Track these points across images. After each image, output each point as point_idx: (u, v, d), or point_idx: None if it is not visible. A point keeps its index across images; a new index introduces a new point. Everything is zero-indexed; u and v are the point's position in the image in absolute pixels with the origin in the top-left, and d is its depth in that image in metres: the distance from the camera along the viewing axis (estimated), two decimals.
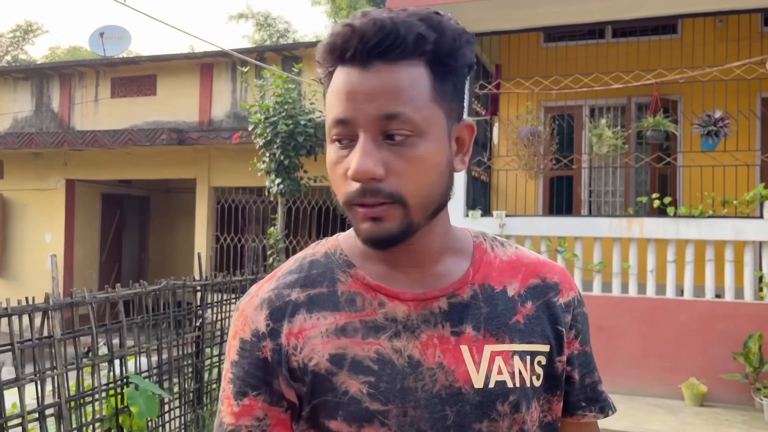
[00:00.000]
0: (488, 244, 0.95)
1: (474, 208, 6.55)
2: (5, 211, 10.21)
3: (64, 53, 43.68)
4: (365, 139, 0.78)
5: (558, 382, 0.93)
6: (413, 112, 0.78)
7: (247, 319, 0.88)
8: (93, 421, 3.77)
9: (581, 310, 0.97)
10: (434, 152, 0.81)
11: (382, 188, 0.78)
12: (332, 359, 0.84)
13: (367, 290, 0.87)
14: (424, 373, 0.84)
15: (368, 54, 0.78)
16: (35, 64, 16.61)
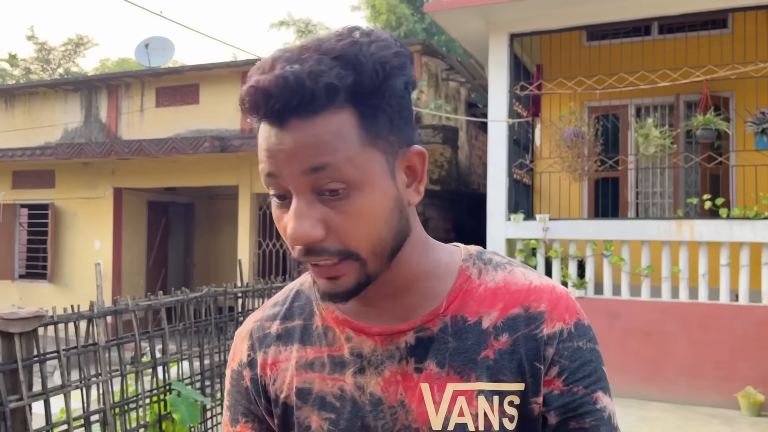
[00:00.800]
0: (475, 269, 0.86)
1: (516, 212, 6.43)
2: (57, 220, 10.52)
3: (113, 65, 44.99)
4: (297, 200, 0.73)
5: (535, 426, 0.82)
6: (341, 163, 0.71)
7: (236, 349, 0.93)
8: (137, 427, 3.82)
9: (573, 344, 0.82)
10: (376, 200, 0.74)
11: (327, 247, 0.74)
12: (298, 393, 0.85)
13: (336, 324, 0.85)
14: (385, 412, 0.81)
15: (279, 113, 0.71)
16: (84, 76, 17.14)
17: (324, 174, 0.71)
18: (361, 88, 0.72)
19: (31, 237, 10.97)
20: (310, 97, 0.70)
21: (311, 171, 0.71)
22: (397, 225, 0.77)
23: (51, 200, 10.56)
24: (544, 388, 0.81)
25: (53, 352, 3.36)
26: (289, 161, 0.72)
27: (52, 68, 45.65)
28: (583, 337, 0.83)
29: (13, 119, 11.21)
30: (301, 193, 0.73)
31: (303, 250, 0.74)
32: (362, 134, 0.73)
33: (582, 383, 0.81)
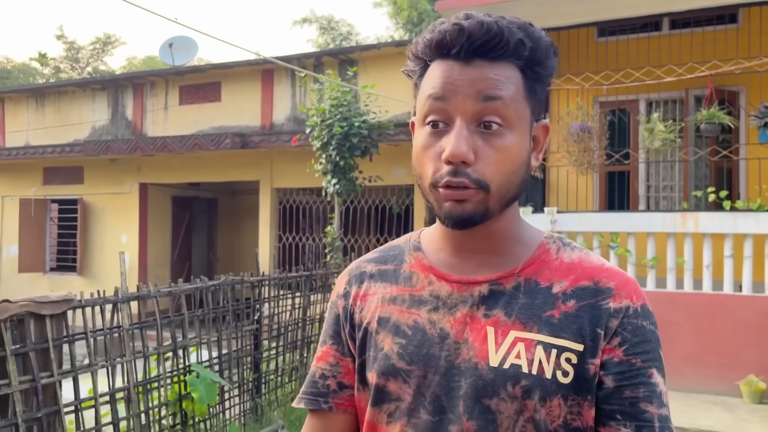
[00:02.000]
0: (555, 246, 0.97)
1: (525, 205, 6.58)
2: (85, 214, 10.91)
3: (140, 63, 45.71)
4: (461, 124, 0.85)
5: (589, 386, 0.88)
6: (509, 101, 0.86)
7: (337, 284, 1.09)
8: (159, 405, 4.09)
9: (637, 322, 0.90)
10: (519, 145, 0.88)
11: (470, 173, 0.85)
12: (379, 321, 0.98)
13: (422, 270, 0.98)
14: (450, 346, 0.91)
15: (472, 52, 0.85)
16: (111, 75, 17.56)
17: (493, 105, 0.85)
18: (535, 55, 0.88)
19: (61, 231, 11.39)
20: (504, 45, 0.85)
21: (485, 99, 0.85)
22: (524, 175, 0.91)
23: (80, 195, 10.95)
24: (604, 355, 0.88)
25: (81, 334, 3.64)
26: (467, 87, 0.85)
27: (80, 67, 46.54)
28: (647, 318, 0.91)
29: (43, 117, 11.62)
30: (466, 120, 0.85)
31: (450, 171, 0.85)
32: (524, 91, 0.88)
33: (641, 357, 0.88)
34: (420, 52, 0.91)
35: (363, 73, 9.13)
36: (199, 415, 4.24)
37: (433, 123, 0.88)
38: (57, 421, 3.45)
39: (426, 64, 0.91)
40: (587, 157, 6.04)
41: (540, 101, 0.92)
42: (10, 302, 3.29)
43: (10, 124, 11.97)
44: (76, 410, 3.57)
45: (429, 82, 0.89)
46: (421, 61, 0.92)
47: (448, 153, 0.85)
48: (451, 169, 0.86)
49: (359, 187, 7.61)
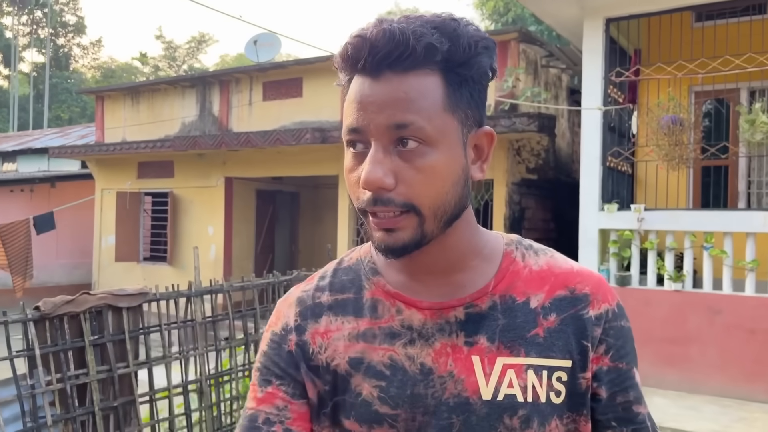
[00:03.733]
0: (519, 253, 0.91)
1: (611, 202, 6.25)
2: (175, 207, 11.38)
3: (232, 60, 47.50)
4: (376, 147, 0.78)
5: (583, 401, 0.86)
6: (423, 121, 0.77)
7: (281, 314, 0.94)
8: (230, 398, 4.16)
9: (617, 324, 0.88)
10: (446, 162, 0.79)
11: (393, 198, 0.78)
12: (351, 362, 0.87)
13: (387, 297, 0.89)
14: (435, 381, 0.84)
15: (378, 64, 0.78)
16: (199, 72, 18.22)
17: (406, 129, 0.77)
18: (454, 56, 0.78)
19: (153, 223, 11.93)
20: (410, 53, 0.76)
21: (395, 127, 0.77)
22: (460, 192, 0.82)
23: (170, 189, 11.42)
24: (593, 365, 0.86)
25: (156, 326, 3.75)
26: (377, 113, 0.78)
27: (177, 65, 48.84)
28: (623, 317, 0.90)
29: (138, 114, 12.20)
30: (381, 143, 0.78)
31: (371, 199, 0.79)
32: (446, 100, 0.79)
33: (624, 360, 0.88)
34: (337, 67, 0.84)
35: None
36: None
37: (352, 144, 0.82)
38: (132, 411, 3.57)
39: (348, 79, 0.83)
40: (679, 151, 5.66)
41: (472, 105, 0.82)
42: (89, 294, 3.43)
43: (108, 121, 12.64)
44: (150, 400, 3.69)
45: (346, 104, 0.82)
46: (344, 76, 0.84)
47: (362, 180, 0.78)
48: (370, 197, 0.79)
49: None
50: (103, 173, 12.36)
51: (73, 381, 3.27)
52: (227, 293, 4.16)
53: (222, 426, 4.07)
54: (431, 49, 0.77)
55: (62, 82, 42.40)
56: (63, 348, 3.25)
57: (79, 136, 17.41)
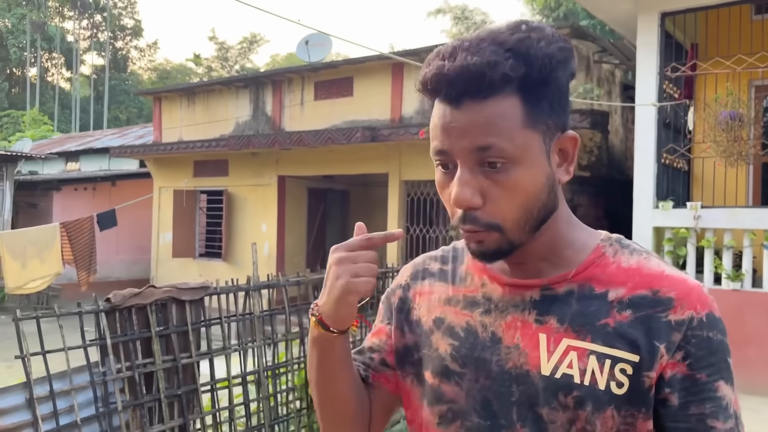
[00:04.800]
0: (612, 249, 0.94)
1: (666, 199, 6.15)
2: (230, 205, 11.69)
3: (282, 60, 48.26)
4: (462, 169, 0.85)
5: (644, 399, 0.86)
6: (504, 142, 0.83)
7: (401, 273, 1.13)
8: (287, 389, 4.30)
9: (703, 334, 0.86)
10: (530, 176, 0.85)
11: (479, 218, 0.86)
12: (435, 321, 1.00)
13: (477, 271, 1.00)
14: (501, 350, 0.92)
15: (458, 96, 0.83)
16: (252, 73, 18.61)
17: (489, 151, 0.83)
18: (530, 79, 0.83)
19: (208, 220, 12.27)
20: (487, 83, 0.82)
21: (478, 150, 0.84)
22: (545, 200, 0.88)
23: (225, 187, 11.74)
24: (667, 370, 0.85)
25: (216, 319, 3.90)
26: (460, 138, 0.84)
27: (229, 65, 49.91)
28: (713, 328, 0.87)
29: (193, 115, 12.57)
30: (467, 165, 0.85)
31: (461, 217, 0.88)
32: (525, 118, 0.84)
33: (706, 371, 0.85)
34: (419, 90, 0.90)
35: None
36: None
37: (441, 165, 0.89)
38: (195, 399, 3.74)
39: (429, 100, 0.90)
40: (738, 147, 5.53)
41: (554, 114, 0.87)
42: (155, 288, 3.60)
43: (165, 121, 13.06)
44: (211, 389, 3.85)
45: (431, 126, 0.89)
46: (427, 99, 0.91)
47: (453, 200, 0.87)
48: (461, 215, 0.88)
49: None
50: (160, 172, 12.78)
51: (141, 369, 3.44)
52: (284, 288, 4.29)
53: (278, 416, 4.21)
54: (506, 78, 0.82)
55: (120, 83, 43.91)
56: (131, 338, 3.42)
57: (136, 136, 18.04)
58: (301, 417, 4.38)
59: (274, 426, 4.15)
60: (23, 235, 9.62)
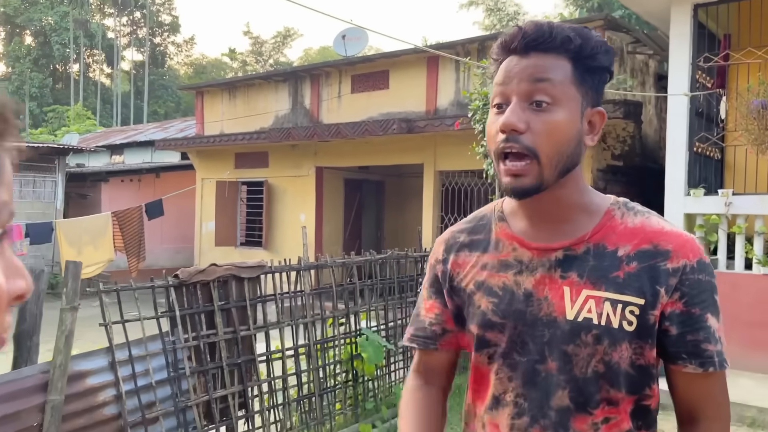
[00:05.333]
0: (620, 212, 1.13)
1: (697, 187, 6.29)
2: (270, 195, 12.09)
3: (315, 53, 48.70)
4: (515, 102, 1.05)
5: (650, 332, 1.07)
6: (556, 83, 1.04)
7: (435, 250, 1.31)
8: (334, 362, 4.62)
9: (695, 277, 1.06)
10: (566, 121, 1.05)
11: (521, 140, 1.04)
12: (475, 284, 1.19)
13: (507, 238, 1.17)
14: (534, 302, 1.12)
15: (526, 46, 1.05)
16: (291, 67, 18.96)
17: (543, 86, 1.03)
18: (583, 50, 1.06)
19: (249, 210, 12.69)
20: (551, 39, 1.05)
21: (535, 81, 1.04)
22: (573, 149, 1.07)
23: (265, 178, 12.13)
24: (667, 308, 1.06)
25: (271, 296, 4.24)
26: (521, 73, 1.05)
27: (263, 59, 50.54)
28: (703, 272, 1.08)
29: (234, 108, 12.98)
30: (519, 98, 1.04)
31: (504, 138, 1.04)
32: (573, 77, 1.06)
33: (698, 306, 1.06)
34: (494, 54, 1.12)
35: None
36: (368, 373, 4.72)
37: (497, 105, 1.08)
38: (252, 368, 4.08)
39: (499, 63, 1.11)
40: None
41: (592, 89, 1.09)
42: (217, 266, 3.95)
43: (208, 115, 13.51)
44: (267, 360, 4.19)
45: (497, 75, 1.10)
46: (496, 62, 1.12)
47: (501, 123, 1.05)
48: (504, 137, 1.06)
49: None
50: (203, 164, 13.25)
51: (205, 340, 3.80)
52: (331, 269, 4.61)
53: (326, 387, 4.54)
54: (566, 40, 1.05)
55: (158, 78, 44.88)
56: (197, 311, 3.78)
57: (178, 130, 18.60)
58: (347, 389, 4.71)
59: (322, 395, 4.48)
60: (78, 223, 10.17)
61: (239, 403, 3.97)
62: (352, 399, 4.74)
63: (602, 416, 1.09)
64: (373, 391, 4.89)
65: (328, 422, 4.48)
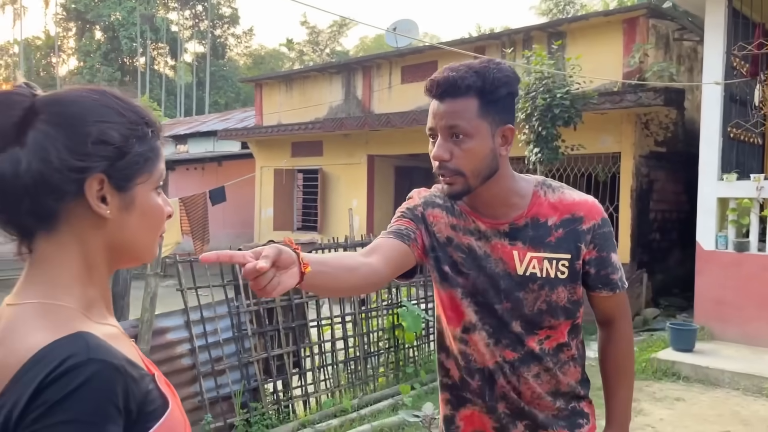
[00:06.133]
0: (542, 191, 1.53)
1: (730, 172, 6.50)
2: (324, 182, 12.71)
3: (371, 42, 49.21)
4: (440, 138, 1.44)
5: (577, 276, 1.51)
6: (465, 124, 1.41)
7: (414, 199, 1.63)
8: (377, 330, 5.16)
9: (600, 231, 1.52)
10: (479, 146, 1.42)
11: (448, 166, 1.43)
12: (447, 238, 1.56)
13: (466, 212, 1.56)
14: (492, 261, 1.52)
15: (441, 94, 1.43)
16: (345, 59, 19.50)
17: (456, 126, 1.41)
18: (484, 88, 1.41)
19: (305, 197, 13.37)
20: (456, 88, 1.41)
21: (450, 127, 1.42)
22: (489, 162, 1.45)
23: (320, 166, 12.76)
24: (587, 256, 1.51)
25: None
26: (441, 120, 1.42)
27: (320, 49, 51.40)
28: (605, 225, 1.54)
29: (291, 100, 13.65)
30: (443, 134, 1.43)
31: (438, 167, 1.44)
32: (479, 111, 1.41)
33: (605, 250, 1.53)
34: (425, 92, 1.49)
35: (571, 44, 9.38)
36: (407, 341, 5.23)
37: (431, 135, 1.49)
38: (305, 332, 4.66)
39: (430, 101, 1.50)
40: None
41: (499, 113, 1.45)
42: (274, 242, 4.52)
43: (266, 106, 14.23)
44: (317, 325, 4.76)
45: (429, 112, 1.49)
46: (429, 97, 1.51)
47: (432, 155, 1.46)
48: (438, 165, 1.47)
49: (561, 155, 8.00)
50: (262, 153, 13.99)
51: (264, 305, 4.38)
52: None
53: (370, 351, 5.08)
54: (470, 86, 1.41)
55: (218, 69, 46.31)
56: None
57: (238, 120, 19.44)
58: (389, 354, 5.24)
59: (367, 359, 5.03)
60: None
61: (293, 362, 4.55)
62: (393, 363, 5.26)
63: (545, 335, 1.56)
64: (413, 358, 5.40)
65: (371, 383, 5.02)
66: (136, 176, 0.93)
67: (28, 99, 0.89)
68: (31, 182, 0.85)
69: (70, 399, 0.75)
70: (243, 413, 4.13)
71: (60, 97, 0.91)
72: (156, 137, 0.99)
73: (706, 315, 6.56)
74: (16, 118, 0.87)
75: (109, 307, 0.98)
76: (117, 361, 0.80)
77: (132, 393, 0.80)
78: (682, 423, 4.69)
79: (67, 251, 0.90)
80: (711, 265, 6.55)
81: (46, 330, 0.81)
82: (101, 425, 0.76)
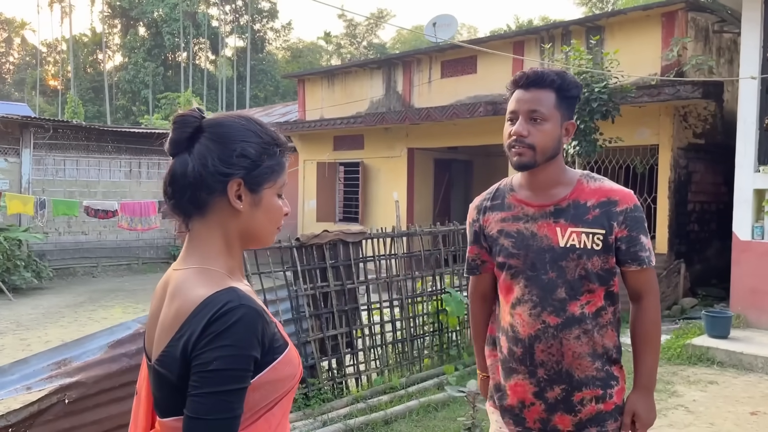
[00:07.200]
0: (585, 180, 1.89)
1: (767, 164, 6.64)
2: (366, 175, 13.09)
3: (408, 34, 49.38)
4: (522, 119, 1.83)
5: (610, 249, 1.83)
6: (544, 110, 1.81)
7: (471, 213, 2.08)
8: (423, 314, 5.51)
9: (632, 215, 1.84)
10: (551, 130, 1.82)
11: (525, 140, 1.81)
12: (498, 231, 1.95)
13: (516, 201, 1.93)
14: (538, 239, 1.87)
15: (527, 84, 1.84)
16: (385, 55, 19.79)
17: (536, 113, 1.81)
18: (562, 87, 1.84)
19: (347, 189, 13.77)
20: (542, 80, 1.83)
21: (530, 111, 1.82)
22: (555, 145, 1.84)
23: (361, 159, 13.14)
24: (618, 233, 1.83)
25: (371, 257, 5.16)
26: (525, 104, 1.82)
27: (357, 42, 51.77)
28: (636, 211, 1.85)
29: (333, 95, 14.04)
30: (524, 117, 1.82)
31: (514, 140, 1.81)
32: (555, 103, 1.83)
33: (635, 230, 1.84)
34: (509, 86, 1.94)
35: (609, 38, 9.53)
36: (451, 325, 5.57)
37: (510, 119, 1.89)
38: (356, 314, 5.03)
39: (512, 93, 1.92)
40: None
41: (567, 109, 1.87)
42: (328, 232, 4.91)
43: (308, 102, 14.66)
44: (368, 309, 5.13)
45: (511, 100, 1.90)
46: (510, 91, 1.93)
47: (514, 131, 1.85)
48: (514, 139, 1.85)
49: (599, 148, 8.19)
50: (305, 146, 14.43)
51: (320, 290, 4.77)
52: (420, 237, 5.48)
53: (416, 334, 5.43)
54: (552, 81, 1.84)
55: (258, 63, 47.07)
56: (313, 267, 4.75)
57: (279, 114, 19.93)
58: (434, 337, 5.59)
59: (413, 341, 5.39)
60: None
61: (346, 342, 4.94)
62: (438, 346, 5.61)
63: (585, 300, 1.87)
64: (456, 341, 5.73)
65: (417, 363, 5.38)
66: (264, 183, 1.26)
67: (197, 120, 1.25)
68: (193, 179, 1.20)
69: (229, 330, 1.10)
70: (302, 388, 4.53)
71: (219, 120, 1.28)
72: (283, 155, 1.31)
73: (742, 303, 6.73)
74: (188, 133, 1.24)
75: (242, 274, 1.33)
76: (258, 307, 1.16)
77: (266, 331, 1.16)
78: (714, 404, 4.93)
79: (213, 232, 1.24)
80: (747, 254, 6.71)
81: (207, 286, 1.16)
82: (248, 350, 1.11)
